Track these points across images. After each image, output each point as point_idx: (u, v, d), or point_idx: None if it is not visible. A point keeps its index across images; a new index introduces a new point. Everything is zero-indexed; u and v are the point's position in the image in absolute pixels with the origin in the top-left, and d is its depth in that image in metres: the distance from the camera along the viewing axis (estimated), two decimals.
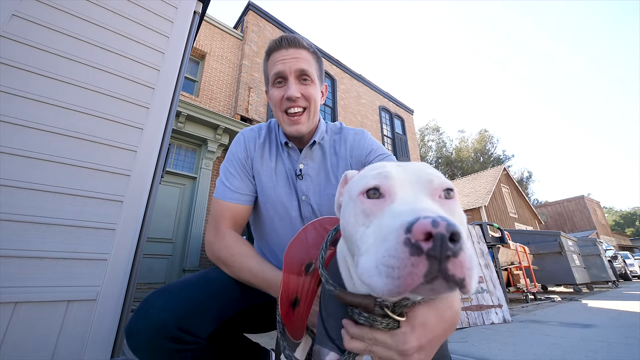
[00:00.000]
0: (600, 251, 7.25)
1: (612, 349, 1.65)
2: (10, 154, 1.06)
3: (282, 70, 0.72)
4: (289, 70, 0.72)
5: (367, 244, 0.29)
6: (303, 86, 0.74)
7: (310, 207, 0.78)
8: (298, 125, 0.75)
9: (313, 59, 0.77)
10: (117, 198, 1.22)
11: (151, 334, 0.53)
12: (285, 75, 0.73)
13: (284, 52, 0.73)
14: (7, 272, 0.97)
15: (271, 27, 7.66)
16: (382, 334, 0.37)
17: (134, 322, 0.54)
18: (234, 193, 0.75)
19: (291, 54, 0.73)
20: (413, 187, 0.31)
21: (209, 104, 5.97)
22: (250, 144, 0.81)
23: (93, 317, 1.07)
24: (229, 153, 0.82)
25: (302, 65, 0.73)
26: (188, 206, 5.08)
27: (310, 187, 0.79)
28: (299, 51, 0.74)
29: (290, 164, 0.81)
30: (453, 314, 0.40)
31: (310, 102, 0.75)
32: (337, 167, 0.81)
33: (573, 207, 21.23)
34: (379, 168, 0.34)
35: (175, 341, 0.53)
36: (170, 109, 1.48)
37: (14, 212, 1.02)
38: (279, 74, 0.73)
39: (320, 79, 0.81)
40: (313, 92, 0.75)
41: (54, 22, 1.27)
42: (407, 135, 10.97)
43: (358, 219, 0.32)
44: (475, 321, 2.46)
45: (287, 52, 0.73)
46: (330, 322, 0.43)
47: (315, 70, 0.77)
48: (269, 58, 0.76)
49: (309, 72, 0.74)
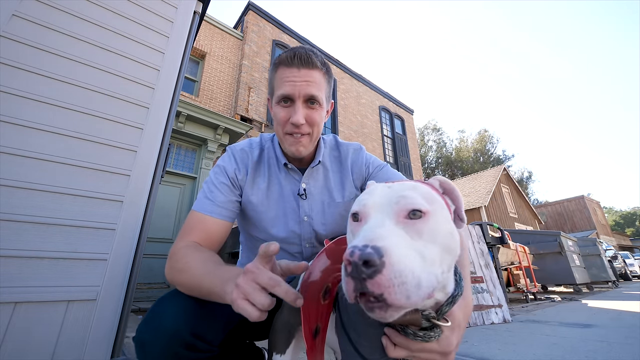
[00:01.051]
0: (600, 251, 7.25)
1: (612, 349, 1.65)
2: (10, 154, 1.06)
3: (291, 93, 0.69)
4: (297, 94, 0.69)
5: None
6: (309, 111, 0.71)
7: (311, 229, 0.77)
8: (299, 146, 0.73)
9: (324, 79, 0.74)
10: (117, 198, 1.22)
11: (165, 340, 0.49)
12: (293, 98, 0.69)
13: (295, 71, 0.69)
14: (7, 272, 0.97)
15: (271, 27, 7.66)
16: (430, 343, 0.40)
17: (145, 330, 0.50)
18: (215, 206, 0.70)
19: (303, 75, 0.69)
20: (382, 210, 0.36)
21: (209, 104, 5.97)
22: (241, 165, 0.78)
23: (93, 317, 1.07)
24: (215, 167, 0.77)
25: (312, 91, 0.69)
26: (188, 206, 5.08)
27: (314, 207, 0.78)
28: (311, 73, 0.70)
29: (289, 184, 0.79)
30: (471, 308, 0.47)
31: (313, 128, 0.73)
32: (341, 185, 0.81)
33: (573, 207, 21.24)
34: (364, 194, 0.40)
35: (189, 348, 0.51)
36: (170, 109, 1.48)
37: (14, 212, 1.02)
38: (287, 95, 0.69)
39: (328, 100, 0.77)
40: (318, 118, 0.72)
41: (54, 22, 1.27)
42: (407, 135, 10.97)
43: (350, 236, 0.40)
44: (475, 321, 2.46)
45: (299, 73, 0.69)
46: (364, 344, 0.43)
47: (324, 93, 0.74)
48: (278, 71, 0.72)
49: (318, 97, 0.70)
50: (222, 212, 0.71)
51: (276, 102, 0.72)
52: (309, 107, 0.71)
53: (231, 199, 0.74)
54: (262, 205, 0.77)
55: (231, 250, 4.23)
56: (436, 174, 29.17)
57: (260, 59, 6.98)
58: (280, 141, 0.77)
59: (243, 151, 0.80)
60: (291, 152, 0.74)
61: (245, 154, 0.79)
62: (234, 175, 0.76)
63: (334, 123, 8.23)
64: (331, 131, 8.11)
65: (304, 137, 0.72)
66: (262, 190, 0.77)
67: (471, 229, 3.16)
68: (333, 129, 8.16)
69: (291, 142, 0.72)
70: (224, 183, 0.74)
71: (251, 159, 0.79)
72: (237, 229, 0.89)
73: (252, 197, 0.76)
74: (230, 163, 0.77)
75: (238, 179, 0.76)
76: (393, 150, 10.15)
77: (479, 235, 3.14)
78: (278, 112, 0.72)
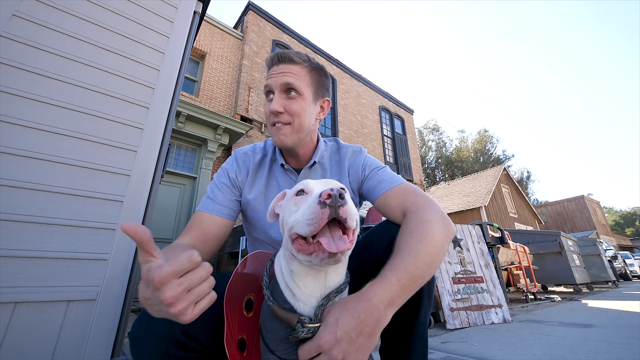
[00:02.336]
0: (600, 251, 7.24)
1: (612, 349, 1.65)
2: (10, 154, 1.06)
3: (269, 84, 0.75)
4: (275, 84, 0.74)
5: (297, 216, 0.45)
6: (288, 101, 0.74)
7: None
8: (280, 135, 0.75)
9: (307, 73, 0.77)
10: (117, 198, 1.22)
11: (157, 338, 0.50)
12: (272, 89, 0.75)
13: (275, 67, 0.75)
14: (7, 272, 0.97)
15: (271, 27, 7.66)
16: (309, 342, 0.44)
17: (138, 328, 0.51)
18: (215, 204, 0.74)
19: (280, 69, 0.74)
20: (322, 186, 0.49)
21: (209, 104, 5.97)
22: (242, 167, 0.81)
23: (93, 317, 1.07)
24: (219, 170, 0.82)
25: (288, 79, 0.73)
26: (188, 206, 5.08)
27: None
28: (289, 66, 0.75)
29: (287, 185, 0.80)
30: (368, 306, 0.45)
31: (293, 117, 0.75)
32: None
33: (573, 207, 21.23)
34: (303, 182, 0.52)
35: (181, 347, 0.52)
36: (170, 109, 1.48)
37: (14, 212, 1.02)
38: (267, 87, 0.75)
39: (316, 94, 0.79)
40: (297, 107, 0.74)
41: (54, 22, 1.27)
42: (407, 135, 10.97)
43: (292, 208, 0.48)
44: (475, 321, 2.46)
45: (278, 68, 0.75)
46: (270, 336, 0.49)
47: (306, 84, 0.76)
48: (267, 73, 0.78)
49: (295, 85, 0.73)
50: (220, 209, 0.74)
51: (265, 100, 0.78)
52: (287, 97, 0.74)
53: (230, 198, 0.77)
54: (259, 205, 0.78)
55: (231, 250, 4.24)
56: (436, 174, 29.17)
57: (260, 59, 6.97)
58: (271, 135, 0.80)
59: (245, 154, 0.84)
60: (275, 142, 0.77)
61: (247, 157, 0.83)
62: (234, 176, 0.79)
63: (334, 123, 8.23)
64: (331, 131, 8.11)
65: (285, 126, 0.75)
66: (260, 191, 0.80)
67: (471, 228, 3.15)
68: (333, 129, 8.16)
69: (274, 133, 0.76)
70: (224, 183, 0.78)
71: (253, 161, 0.82)
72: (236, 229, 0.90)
73: (250, 197, 0.79)
74: (232, 165, 0.81)
75: (238, 180, 0.79)
76: (393, 150, 10.14)
77: (479, 235, 3.14)
78: (265, 108, 0.77)
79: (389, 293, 0.47)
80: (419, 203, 0.63)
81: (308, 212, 0.42)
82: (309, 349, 0.43)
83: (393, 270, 0.50)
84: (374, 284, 0.48)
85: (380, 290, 0.47)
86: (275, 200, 0.58)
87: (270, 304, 0.48)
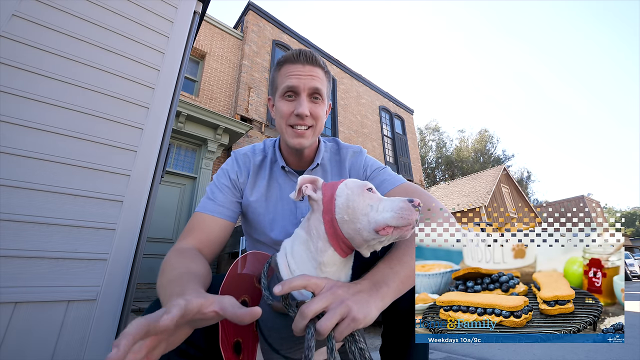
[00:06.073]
0: None
1: (612, 349, 1.65)
2: (10, 154, 1.06)
3: (297, 85, 0.72)
4: (303, 87, 0.72)
5: (382, 209, 0.48)
6: (313, 104, 0.74)
7: None
8: (302, 139, 0.74)
9: (326, 78, 0.77)
10: (117, 198, 1.22)
11: None
12: (298, 90, 0.72)
13: (300, 67, 0.72)
14: (7, 272, 0.97)
15: (271, 27, 7.66)
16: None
17: None
18: (216, 206, 0.73)
19: (307, 70, 0.72)
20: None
21: (209, 104, 5.97)
22: (243, 168, 0.80)
23: (93, 317, 1.07)
24: (219, 171, 0.81)
25: (317, 84, 0.73)
26: (188, 206, 5.08)
27: None
28: (315, 69, 0.73)
29: (288, 187, 0.80)
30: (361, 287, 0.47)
31: (317, 122, 0.75)
32: None
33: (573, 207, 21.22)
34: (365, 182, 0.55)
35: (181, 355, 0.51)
36: (170, 109, 1.48)
37: (14, 212, 1.02)
38: (293, 88, 0.72)
39: (328, 99, 0.81)
40: (321, 112, 0.76)
41: (54, 22, 1.27)
42: (407, 135, 10.97)
43: (367, 201, 0.50)
44: None
45: (304, 69, 0.72)
46: (273, 335, 0.49)
47: (326, 89, 0.77)
48: (281, 68, 0.75)
49: (321, 91, 0.74)
50: (222, 211, 0.73)
51: (280, 96, 0.74)
52: (312, 101, 0.74)
53: (231, 199, 0.76)
54: (261, 207, 0.78)
55: (231, 250, 4.24)
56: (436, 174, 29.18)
57: (260, 59, 6.97)
58: (282, 134, 0.78)
59: (245, 155, 0.83)
60: (293, 144, 0.75)
61: (247, 158, 0.82)
62: (235, 177, 0.78)
63: (334, 123, 8.23)
64: (331, 131, 8.11)
65: (308, 130, 0.74)
66: (261, 193, 0.79)
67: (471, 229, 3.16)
68: (333, 129, 8.16)
69: (293, 135, 0.74)
70: (225, 184, 0.77)
71: (253, 162, 0.81)
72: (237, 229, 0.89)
73: (251, 199, 0.78)
74: (232, 166, 0.80)
75: (239, 181, 0.79)
76: (393, 150, 10.14)
77: None
78: (282, 106, 0.74)
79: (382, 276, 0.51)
80: None
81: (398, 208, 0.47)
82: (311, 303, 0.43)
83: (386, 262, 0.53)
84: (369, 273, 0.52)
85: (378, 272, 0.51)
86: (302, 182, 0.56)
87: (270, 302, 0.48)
